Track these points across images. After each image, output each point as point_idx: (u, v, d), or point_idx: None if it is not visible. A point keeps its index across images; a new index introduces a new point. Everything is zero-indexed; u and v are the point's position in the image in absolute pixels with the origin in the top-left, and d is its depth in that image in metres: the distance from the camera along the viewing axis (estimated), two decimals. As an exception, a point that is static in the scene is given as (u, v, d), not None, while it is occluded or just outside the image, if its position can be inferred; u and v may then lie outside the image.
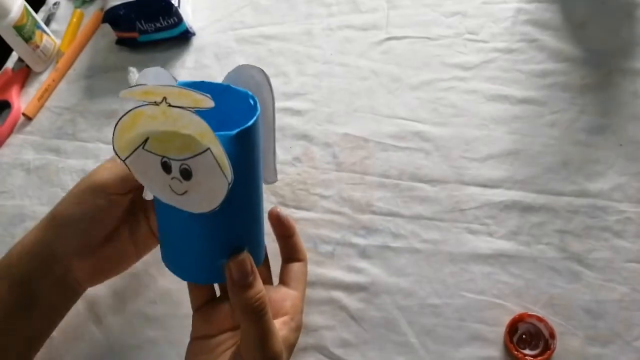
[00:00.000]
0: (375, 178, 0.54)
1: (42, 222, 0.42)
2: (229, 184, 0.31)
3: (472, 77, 0.59)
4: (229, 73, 0.41)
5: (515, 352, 0.44)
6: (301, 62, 0.63)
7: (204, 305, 0.41)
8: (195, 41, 0.68)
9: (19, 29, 0.64)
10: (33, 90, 0.67)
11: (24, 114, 0.65)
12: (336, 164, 0.56)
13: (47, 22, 0.72)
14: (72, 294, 0.43)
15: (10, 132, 0.65)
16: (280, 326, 0.39)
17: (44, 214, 0.58)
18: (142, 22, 0.64)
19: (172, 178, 0.32)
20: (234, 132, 0.33)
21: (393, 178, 0.54)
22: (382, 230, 0.52)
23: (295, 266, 0.44)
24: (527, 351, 0.45)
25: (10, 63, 0.70)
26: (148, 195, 0.40)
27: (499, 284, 0.48)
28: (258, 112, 0.36)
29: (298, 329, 0.41)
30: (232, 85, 0.39)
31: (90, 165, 0.60)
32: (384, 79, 0.60)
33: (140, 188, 0.42)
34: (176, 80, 0.39)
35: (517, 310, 0.46)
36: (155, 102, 0.30)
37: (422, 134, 0.56)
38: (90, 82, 0.67)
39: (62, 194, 0.58)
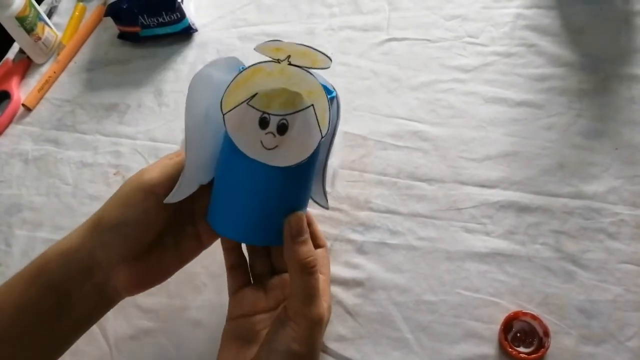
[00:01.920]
0: (373, 176, 0.55)
1: (86, 225, 0.40)
2: (322, 137, 0.35)
3: (471, 79, 0.59)
4: None
5: (510, 350, 0.45)
6: (302, 61, 0.63)
7: (240, 289, 0.43)
8: (198, 37, 0.68)
9: (21, 20, 0.64)
10: (33, 81, 0.68)
11: (23, 105, 0.65)
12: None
13: (50, 14, 0.73)
14: (108, 303, 0.41)
15: (9, 123, 0.65)
16: None
17: (41, 204, 0.58)
18: (145, 16, 0.65)
19: (266, 133, 0.35)
20: (332, 94, 0.37)
21: (391, 176, 0.54)
22: (380, 227, 0.52)
23: (318, 252, 0.45)
24: (521, 349, 0.45)
25: (11, 54, 0.70)
26: (172, 199, 0.38)
27: (494, 282, 0.48)
28: (335, 93, 0.39)
29: (329, 309, 0.42)
30: None
31: (89, 156, 0.60)
32: (384, 79, 0.61)
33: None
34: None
35: (512, 308, 0.47)
36: (278, 60, 0.34)
37: (421, 133, 0.56)
38: (91, 75, 0.67)
39: (60, 185, 0.59)
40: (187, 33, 0.67)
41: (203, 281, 0.51)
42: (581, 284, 0.47)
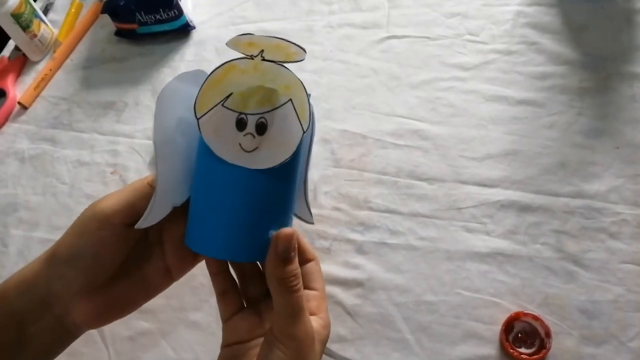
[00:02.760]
0: (373, 175, 0.54)
1: (44, 255, 0.37)
2: (304, 132, 0.33)
3: (471, 77, 0.59)
4: None
5: (511, 351, 0.44)
6: (301, 58, 0.63)
7: (233, 315, 0.40)
8: (196, 35, 0.67)
9: (16, 17, 0.63)
10: (29, 79, 0.67)
11: (19, 103, 0.64)
12: (334, 160, 0.56)
13: (46, 11, 0.72)
14: (68, 337, 0.39)
15: (4, 121, 0.64)
16: None
17: (37, 203, 0.58)
18: (142, 13, 0.64)
19: (244, 135, 0.33)
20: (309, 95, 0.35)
21: (391, 175, 0.54)
22: (380, 226, 0.51)
23: (309, 267, 0.42)
24: (522, 350, 0.45)
25: (6, 52, 0.69)
26: (143, 223, 0.35)
27: (495, 283, 0.48)
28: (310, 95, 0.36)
29: (327, 326, 0.40)
30: None
31: (86, 155, 0.60)
32: (384, 77, 0.60)
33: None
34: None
35: (513, 308, 0.46)
36: (251, 55, 0.32)
37: (421, 132, 0.56)
38: (87, 73, 0.66)
39: (57, 184, 0.58)
40: (184, 30, 0.67)
41: (201, 282, 0.50)
42: (582, 284, 0.47)
